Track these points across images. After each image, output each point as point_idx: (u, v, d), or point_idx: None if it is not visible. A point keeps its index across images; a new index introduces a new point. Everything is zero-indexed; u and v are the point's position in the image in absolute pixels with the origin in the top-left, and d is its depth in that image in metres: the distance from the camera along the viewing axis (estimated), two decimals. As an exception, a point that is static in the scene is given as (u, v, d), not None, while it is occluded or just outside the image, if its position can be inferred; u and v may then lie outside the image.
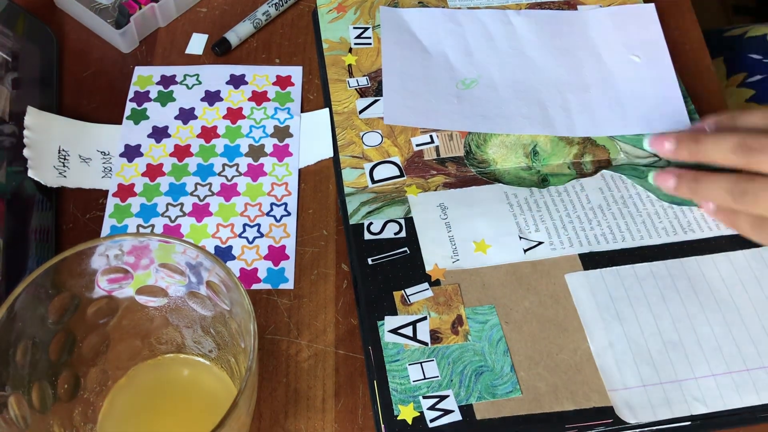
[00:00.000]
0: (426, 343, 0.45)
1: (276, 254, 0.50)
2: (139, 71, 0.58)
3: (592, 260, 0.49)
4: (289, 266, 0.50)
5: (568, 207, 0.51)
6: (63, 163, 0.52)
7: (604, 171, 0.53)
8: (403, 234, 0.50)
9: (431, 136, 0.55)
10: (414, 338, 0.46)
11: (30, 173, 0.50)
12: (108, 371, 0.42)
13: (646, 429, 0.43)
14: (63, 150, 0.53)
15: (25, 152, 0.51)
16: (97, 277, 0.39)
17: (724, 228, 0.50)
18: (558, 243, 0.49)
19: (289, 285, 0.49)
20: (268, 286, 0.49)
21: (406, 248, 0.49)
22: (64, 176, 0.52)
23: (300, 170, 0.54)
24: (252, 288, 0.49)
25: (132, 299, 0.41)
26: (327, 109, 0.57)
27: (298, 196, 0.53)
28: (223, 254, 0.50)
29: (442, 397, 0.44)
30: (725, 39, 0.78)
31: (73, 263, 0.38)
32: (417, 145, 0.54)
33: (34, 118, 0.53)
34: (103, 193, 0.53)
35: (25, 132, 0.52)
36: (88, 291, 0.39)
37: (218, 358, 0.43)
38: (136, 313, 0.42)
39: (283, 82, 0.58)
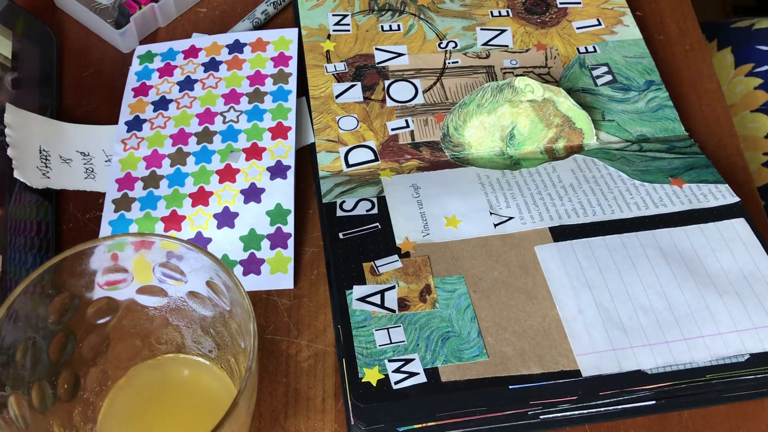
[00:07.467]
0: (393, 311, 0.45)
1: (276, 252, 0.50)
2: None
3: (562, 233, 0.49)
4: (289, 266, 0.50)
5: (539, 186, 0.51)
6: (45, 163, 0.51)
7: (576, 155, 0.53)
8: (375, 211, 0.50)
9: (406, 121, 0.55)
10: (382, 306, 0.46)
11: (15, 174, 0.50)
12: (108, 371, 0.42)
13: (611, 408, 0.43)
14: (44, 150, 0.52)
15: (9, 152, 0.50)
16: (97, 277, 0.39)
17: (697, 201, 0.50)
18: (528, 218, 0.50)
19: (289, 285, 0.49)
20: (268, 286, 0.49)
21: (377, 224, 0.49)
22: (48, 177, 0.51)
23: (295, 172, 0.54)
24: (252, 288, 0.49)
25: (132, 299, 0.41)
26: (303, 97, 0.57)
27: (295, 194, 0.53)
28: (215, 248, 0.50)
29: (408, 361, 0.43)
30: (732, 31, 0.81)
31: (73, 263, 0.38)
32: (392, 130, 0.55)
33: (13, 115, 0.52)
34: (103, 193, 0.53)
35: (6, 130, 0.51)
36: (88, 291, 0.39)
37: (218, 358, 0.43)
38: (136, 313, 0.42)
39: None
